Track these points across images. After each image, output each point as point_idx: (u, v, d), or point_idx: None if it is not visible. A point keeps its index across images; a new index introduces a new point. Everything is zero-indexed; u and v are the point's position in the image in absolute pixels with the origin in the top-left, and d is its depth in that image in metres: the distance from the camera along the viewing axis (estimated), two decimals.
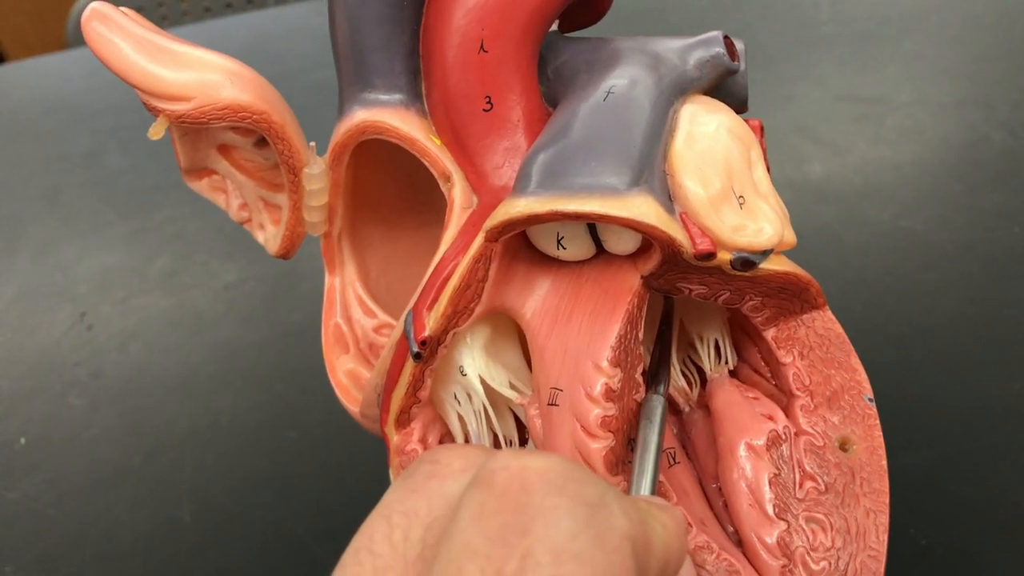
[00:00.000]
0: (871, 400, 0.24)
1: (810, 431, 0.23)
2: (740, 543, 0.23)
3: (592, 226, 0.23)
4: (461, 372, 0.24)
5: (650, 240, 0.21)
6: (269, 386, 0.43)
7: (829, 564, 0.22)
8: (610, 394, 0.22)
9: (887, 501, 0.22)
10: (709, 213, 0.21)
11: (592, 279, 0.23)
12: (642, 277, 0.23)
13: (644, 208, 0.20)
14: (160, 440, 0.41)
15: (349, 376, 0.29)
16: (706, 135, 0.22)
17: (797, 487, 0.23)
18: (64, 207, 0.61)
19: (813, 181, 0.53)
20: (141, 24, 0.24)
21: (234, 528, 0.36)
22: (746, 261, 0.22)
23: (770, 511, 0.22)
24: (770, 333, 0.25)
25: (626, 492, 0.21)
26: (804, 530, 0.22)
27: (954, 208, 0.49)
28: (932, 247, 0.46)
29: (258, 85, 0.25)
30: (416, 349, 0.23)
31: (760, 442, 0.23)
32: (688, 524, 0.22)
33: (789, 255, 0.24)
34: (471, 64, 0.24)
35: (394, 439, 0.25)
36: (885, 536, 0.22)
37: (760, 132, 0.24)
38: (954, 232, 0.47)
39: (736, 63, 0.24)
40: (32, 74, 0.83)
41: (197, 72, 0.24)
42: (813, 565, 0.22)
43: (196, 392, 0.44)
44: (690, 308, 0.27)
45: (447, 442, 0.25)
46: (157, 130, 0.25)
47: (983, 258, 0.45)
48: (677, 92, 0.23)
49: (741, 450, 0.23)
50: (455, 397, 0.25)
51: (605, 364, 0.22)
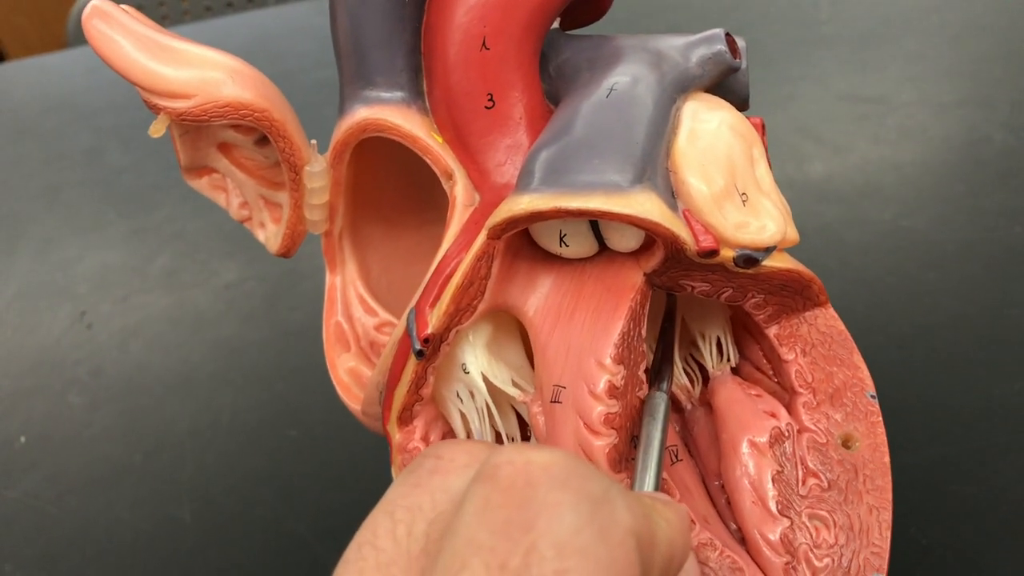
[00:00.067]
0: (873, 397, 0.24)
1: (813, 428, 0.23)
2: (743, 540, 0.23)
3: (595, 223, 0.23)
4: (464, 370, 0.24)
5: (653, 237, 0.21)
6: (270, 385, 0.43)
7: (832, 561, 0.22)
8: (613, 391, 0.22)
9: (890, 498, 0.22)
10: (712, 210, 0.21)
11: (595, 276, 0.23)
12: (645, 274, 0.23)
13: (647, 205, 0.20)
14: (160, 439, 0.41)
15: (350, 374, 0.29)
16: (708, 132, 0.22)
17: (800, 484, 0.23)
18: (64, 206, 0.61)
19: (814, 181, 0.53)
20: (142, 22, 0.24)
21: (235, 527, 0.36)
22: (749, 258, 0.22)
23: (773, 508, 0.22)
24: (772, 330, 0.25)
25: (629, 489, 0.21)
26: (807, 527, 0.22)
27: (955, 208, 0.49)
28: (933, 247, 0.46)
29: (259, 83, 0.25)
30: (419, 347, 0.23)
31: (763, 439, 0.23)
32: (691, 521, 0.22)
33: (791, 253, 0.23)
34: (473, 61, 0.23)
35: (396, 437, 0.25)
36: (888, 533, 0.22)
37: (761, 130, 0.24)
38: (955, 232, 0.47)
39: (738, 60, 0.24)
40: (32, 73, 0.83)
41: (198, 69, 0.24)
42: (816, 562, 0.22)
43: (197, 391, 0.43)
44: (692, 305, 0.27)
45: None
46: (158, 128, 0.25)
47: (984, 258, 0.45)
48: (679, 89, 0.23)
49: (744, 447, 0.23)
50: (457, 395, 0.24)
51: (608, 361, 0.22)
